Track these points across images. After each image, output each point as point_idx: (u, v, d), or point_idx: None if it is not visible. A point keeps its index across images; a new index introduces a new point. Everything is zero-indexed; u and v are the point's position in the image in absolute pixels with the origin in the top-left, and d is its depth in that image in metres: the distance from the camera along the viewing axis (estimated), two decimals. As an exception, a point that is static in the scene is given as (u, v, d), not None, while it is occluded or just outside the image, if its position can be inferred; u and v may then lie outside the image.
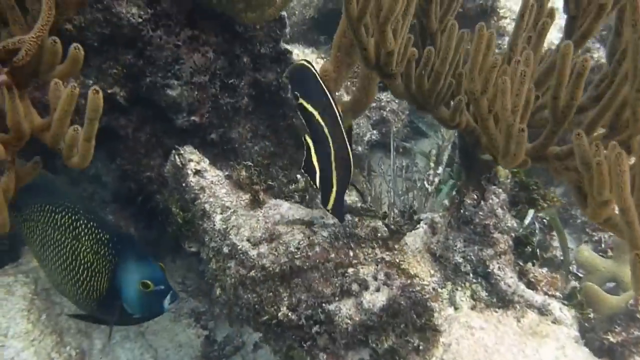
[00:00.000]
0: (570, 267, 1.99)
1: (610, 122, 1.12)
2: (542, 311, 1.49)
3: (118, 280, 1.48)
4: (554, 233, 2.08)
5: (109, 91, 1.65)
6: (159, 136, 1.81)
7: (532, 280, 1.60)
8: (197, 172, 1.62)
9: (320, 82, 1.31)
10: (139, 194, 1.89)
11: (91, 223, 1.50)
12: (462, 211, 1.51)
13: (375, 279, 1.46)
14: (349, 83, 2.28)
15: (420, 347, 1.42)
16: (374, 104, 2.57)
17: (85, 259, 1.47)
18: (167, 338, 2.03)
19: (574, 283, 1.80)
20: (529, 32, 1.33)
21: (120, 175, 1.88)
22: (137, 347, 1.88)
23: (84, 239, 1.48)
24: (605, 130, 1.14)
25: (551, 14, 1.34)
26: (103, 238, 1.48)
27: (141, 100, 1.73)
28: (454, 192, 1.61)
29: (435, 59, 1.25)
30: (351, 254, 1.47)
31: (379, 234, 1.49)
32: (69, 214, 1.50)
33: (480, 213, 1.50)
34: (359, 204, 1.90)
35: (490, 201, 1.50)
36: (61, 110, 1.05)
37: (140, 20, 1.59)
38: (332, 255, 1.46)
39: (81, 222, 1.49)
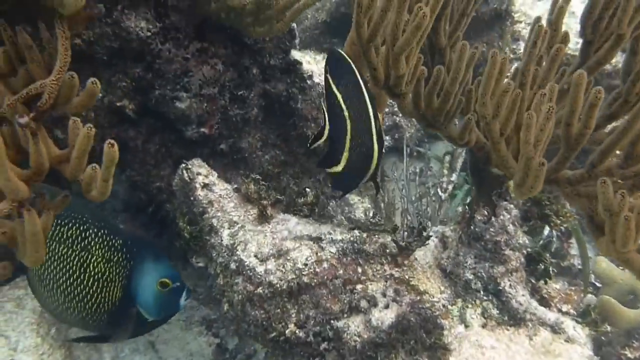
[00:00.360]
0: (589, 279, 1.95)
1: (625, 152, 1.08)
2: (555, 329, 1.47)
3: (133, 285, 1.47)
4: (572, 241, 2.05)
5: (118, 104, 1.65)
6: (168, 147, 1.81)
7: (545, 296, 1.58)
8: (205, 186, 1.62)
9: (356, 71, 1.27)
10: (149, 204, 1.88)
11: (102, 231, 1.48)
12: (472, 227, 1.48)
13: (384, 295, 1.44)
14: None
15: (430, 366, 1.40)
16: (386, 109, 2.55)
17: (97, 270, 1.46)
18: (177, 347, 2.04)
19: (589, 298, 1.77)
20: (541, 52, 1.30)
21: (131, 185, 1.88)
22: (147, 359, 1.88)
23: (94, 248, 1.47)
24: (620, 159, 1.10)
25: (565, 38, 1.31)
26: (116, 244, 1.47)
27: (150, 111, 1.73)
28: (468, 199, 1.59)
29: (445, 78, 1.23)
30: (359, 270, 1.46)
31: (387, 250, 1.47)
32: (77, 225, 1.48)
33: (491, 229, 1.48)
34: (371, 213, 1.89)
35: (502, 217, 1.48)
36: (79, 150, 1.08)
37: (149, 33, 1.58)
38: (341, 272, 1.44)
39: (90, 231, 1.48)
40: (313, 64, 2.22)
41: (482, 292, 1.49)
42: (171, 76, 1.64)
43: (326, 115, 1.27)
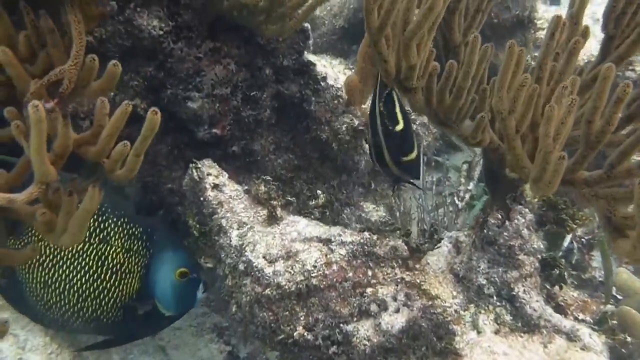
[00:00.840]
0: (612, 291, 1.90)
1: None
2: (571, 337, 1.42)
3: (152, 275, 1.44)
4: (593, 253, 1.99)
5: (130, 103, 1.65)
6: (180, 148, 1.80)
7: (562, 304, 1.53)
8: (215, 187, 1.60)
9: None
10: (160, 206, 1.87)
11: (122, 220, 1.45)
12: (486, 231, 1.45)
13: (395, 299, 1.41)
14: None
15: (441, 373, 1.37)
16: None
17: (115, 261, 1.42)
18: (188, 353, 2.01)
19: (608, 307, 1.71)
20: (559, 48, 1.27)
21: (142, 186, 1.88)
22: (155, 361, 1.86)
23: (113, 239, 1.43)
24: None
25: (585, 33, 1.28)
26: (136, 232, 1.44)
27: (162, 112, 1.72)
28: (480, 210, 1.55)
29: (457, 73, 1.20)
30: (370, 273, 1.43)
31: (398, 253, 1.44)
32: (94, 216, 1.44)
33: (505, 233, 1.44)
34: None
35: (516, 221, 1.44)
36: (112, 127, 1.09)
37: (161, 32, 1.58)
38: (350, 274, 1.42)
39: (110, 221, 1.44)
40: (328, 67, 2.20)
41: (495, 298, 1.45)
42: (183, 75, 1.64)
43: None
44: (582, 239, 1.91)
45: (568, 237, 1.65)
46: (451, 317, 1.42)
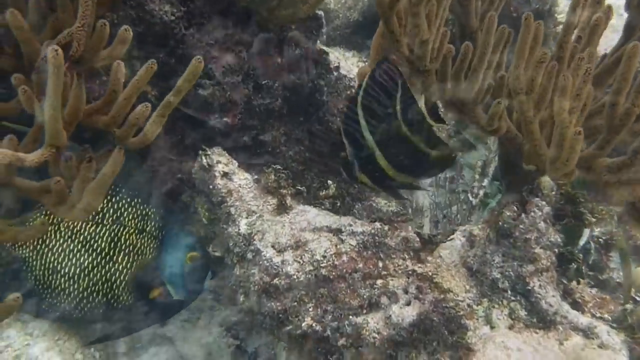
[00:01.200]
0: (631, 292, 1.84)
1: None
2: (588, 334, 1.38)
3: (163, 257, 1.42)
4: (611, 254, 1.95)
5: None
6: (191, 137, 1.78)
7: (579, 300, 1.49)
8: (224, 175, 1.58)
9: None
10: (170, 196, 1.85)
11: (135, 200, 1.43)
12: (501, 224, 1.41)
13: (406, 292, 1.38)
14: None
15: (453, 367, 1.33)
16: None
17: (128, 242, 1.40)
18: (196, 345, 1.99)
19: (627, 305, 1.66)
20: (580, 30, 1.23)
21: (152, 175, 1.86)
22: (162, 351, 1.84)
23: (127, 219, 1.41)
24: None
25: (608, 11, 1.23)
26: (150, 213, 1.42)
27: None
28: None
29: (473, 56, 1.17)
30: (380, 264, 1.39)
31: (410, 244, 1.40)
32: (108, 197, 1.41)
33: (521, 226, 1.40)
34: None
35: (532, 214, 1.40)
36: (133, 87, 1.06)
37: (173, 17, 1.56)
38: (360, 266, 1.38)
39: (124, 201, 1.42)
40: (342, 59, 2.18)
41: (509, 292, 1.41)
42: (194, 62, 1.61)
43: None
44: (600, 239, 1.86)
45: (585, 236, 1.60)
46: (463, 311, 1.38)
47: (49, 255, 1.45)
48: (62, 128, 0.98)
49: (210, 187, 1.58)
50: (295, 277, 1.38)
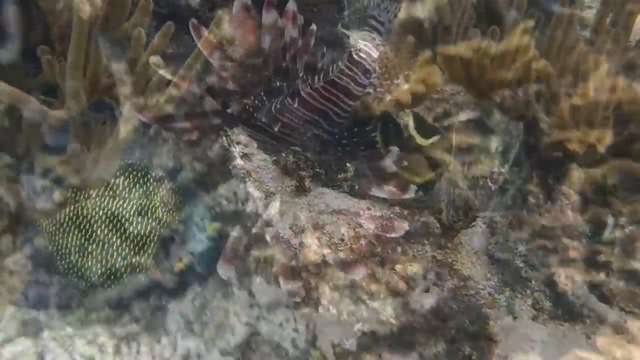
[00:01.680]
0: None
1: None
2: (617, 328, 1.33)
3: (187, 229, 1.42)
4: (638, 244, 1.89)
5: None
6: (210, 120, 1.76)
7: (607, 293, 1.44)
8: (244, 155, 1.56)
9: None
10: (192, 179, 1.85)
11: (160, 175, 1.43)
12: (524, 211, 1.37)
13: (425, 278, 1.35)
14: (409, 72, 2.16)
15: (473, 357, 1.30)
16: (436, 96, 2.43)
17: (154, 216, 1.40)
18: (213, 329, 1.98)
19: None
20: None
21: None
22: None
23: (153, 192, 1.41)
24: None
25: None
26: (173, 186, 1.42)
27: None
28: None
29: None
30: (399, 249, 1.36)
31: (430, 230, 1.37)
32: (134, 172, 1.41)
33: (547, 215, 1.36)
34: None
35: (559, 202, 1.36)
36: (154, 48, 1.04)
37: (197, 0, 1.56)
38: (379, 250, 1.35)
39: (149, 176, 1.42)
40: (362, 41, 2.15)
41: (533, 282, 1.37)
42: (217, 44, 1.60)
43: None
44: (627, 229, 1.81)
45: (610, 226, 1.55)
46: (484, 299, 1.35)
47: (76, 232, 1.43)
48: (81, 89, 0.97)
49: (230, 167, 1.56)
50: (312, 259, 1.35)
